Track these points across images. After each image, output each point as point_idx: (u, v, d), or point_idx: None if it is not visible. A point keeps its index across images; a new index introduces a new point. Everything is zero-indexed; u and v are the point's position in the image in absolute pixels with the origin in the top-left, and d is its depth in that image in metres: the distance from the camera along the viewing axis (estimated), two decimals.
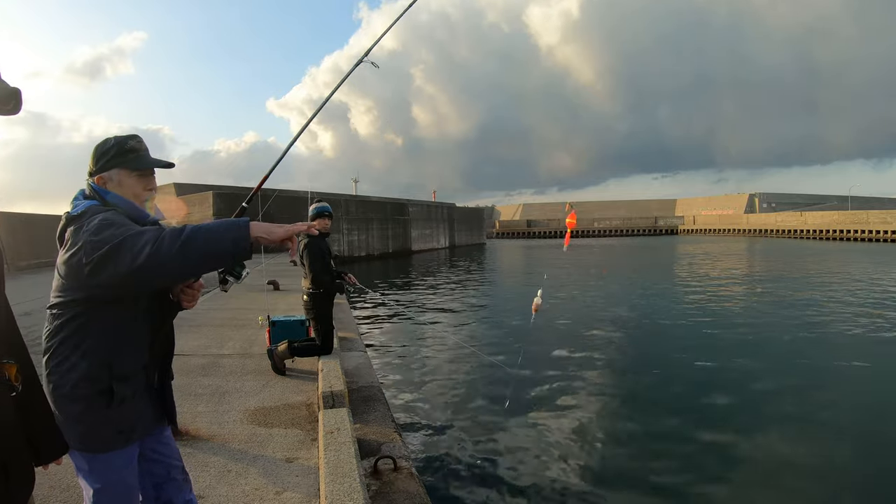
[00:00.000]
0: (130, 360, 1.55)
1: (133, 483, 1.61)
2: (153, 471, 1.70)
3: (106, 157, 1.57)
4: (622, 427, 5.59)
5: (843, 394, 6.62)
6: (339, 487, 2.37)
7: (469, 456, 4.82)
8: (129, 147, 1.59)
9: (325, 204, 4.74)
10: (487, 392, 6.70)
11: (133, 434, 1.57)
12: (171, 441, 1.76)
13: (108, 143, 1.59)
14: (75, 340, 1.47)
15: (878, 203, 79.40)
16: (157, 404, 1.67)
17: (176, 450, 1.78)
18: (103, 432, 1.51)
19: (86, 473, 1.54)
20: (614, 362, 8.15)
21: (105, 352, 1.49)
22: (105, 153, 1.57)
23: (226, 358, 5.36)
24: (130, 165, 1.58)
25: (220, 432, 3.43)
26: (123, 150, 1.58)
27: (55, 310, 1.48)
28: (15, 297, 1.33)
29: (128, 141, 1.59)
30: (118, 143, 1.59)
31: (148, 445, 1.67)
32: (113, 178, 1.57)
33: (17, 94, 1.17)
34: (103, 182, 1.57)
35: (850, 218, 57.60)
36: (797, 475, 4.54)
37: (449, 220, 46.76)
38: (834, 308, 12.54)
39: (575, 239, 75.94)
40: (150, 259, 1.30)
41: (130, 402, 1.55)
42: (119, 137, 1.60)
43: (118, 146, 1.58)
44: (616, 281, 20.45)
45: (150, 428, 1.65)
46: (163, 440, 1.72)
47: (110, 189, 1.57)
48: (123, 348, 1.53)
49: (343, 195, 38.80)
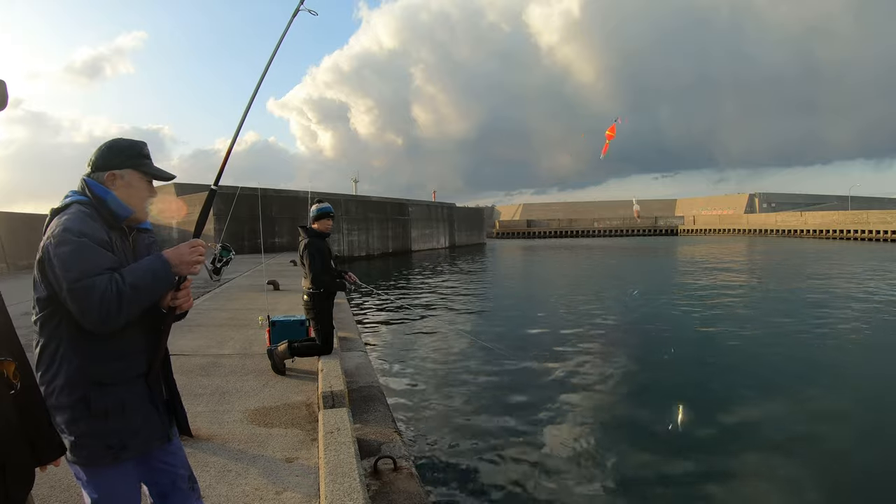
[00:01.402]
0: (114, 367, 1.49)
1: (130, 496, 1.58)
2: (157, 480, 1.66)
3: (123, 155, 1.59)
4: (624, 427, 5.59)
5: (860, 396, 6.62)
6: (339, 487, 2.37)
7: (469, 456, 4.82)
8: (144, 153, 1.63)
9: (328, 205, 4.75)
10: (488, 392, 6.70)
11: (124, 452, 1.52)
12: (179, 450, 1.72)
13: (124, 142, 1.62)
14: (55, 343, 1.46)
15: (879, 203, 79.35)
16: (165, 418, 1.63)
17: (184, 459, 1.74)
18: (91, 445, 1.47)
19: (83, 483, 1.52)
20: (618, 362, 8.14)
21: (80, 357, 1.45)
22: (122, 151, 1.59)
23: (226, 358, 5.36)
24: (144, 169, 1.61)
25: (220, 432, 3.43)
26: (141, 154, 1.62)
27: (35, 308, 1.47)
28: (15, 296, 1.34)
29: (143, 146, 1.64)
30: (135, 145, 1.62)
31: (154, 455, 1.63)
32: (125, 177, 1.58)
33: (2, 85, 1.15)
34: (113, 178, 1.57)
35: (851, 218, 57.59)
36: (798, 476, 4.53)
37: (449, 219, 46.74)
38: (846, 305, 12.54)
39: (574, 239, 75.97)
40: (98, 320, 1.39)
41: (119, 416, 1.49)
42: (134, 141, 1.64)
43: (136, 148, 1.61)
44: (621, 282, 20.45)
45: (150, 444, 1.59)
46: (170, 450, 1.68)
47: (119, 187, 1.57)
48: (102, 353, 1.48)
49: (343, 195, 38.77)
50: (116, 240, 1.54)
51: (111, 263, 1.44)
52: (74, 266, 1.38)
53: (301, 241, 4.71)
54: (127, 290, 1.39)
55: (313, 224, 4.69)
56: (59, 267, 1.38)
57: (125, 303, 1.39)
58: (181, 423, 1.70)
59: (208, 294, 10.48)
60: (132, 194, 1.59)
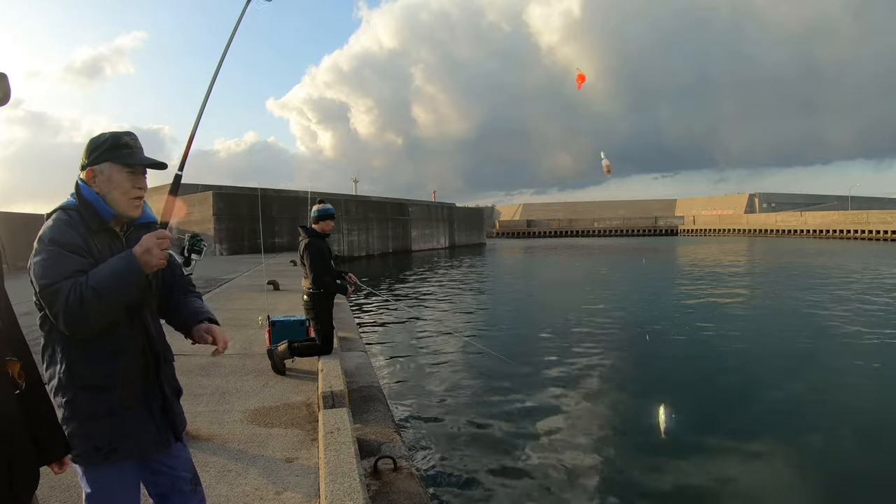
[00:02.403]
0: (101, 370, 1.47)
1: (126, 495, 1.57)
2: (157, 482, 1.65)
3: (99, 149, 1.54)
4: (623, 427, 5.58)
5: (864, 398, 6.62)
6: (339, 487, 2.37)
7: (469, 456, 4.81)
8: (123, 142, 1.56)
9: (329, 206, 4.75)
10: (488, 391, 6.70)
11: (114, 454, 1.49)
12: (181, 453, 1.69)
13: (103, 136, 1.57)
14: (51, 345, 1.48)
15: (878, 203, 79.38)
16: (161, 423, 1.60)
17: (187, 461, 1.71)
18: (81, 445, 1.46)
19: (79, 477, 1.53)
20: (618, 363, 8.14)
21: (69, 358, 1.45)
22: (99, 146, 1.55)
23: (226, 358, 5.35)
24: (122, 160, 1.54)
25: (220, 432, 3.43)
26: (118, 145, 1.55)
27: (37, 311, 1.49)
28: (16, 296, 1.33)
29: (122, 136, 1.57)
30: (113, 136, 1.56)
31: (155, 457, 1.62)
32: (104, 171, 1.53)
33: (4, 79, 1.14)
34: (93, 175, 1.53)
35: (850, 218, 57.64)
36: (798, 476, 4.54)
37: (449, 219, 46.75)
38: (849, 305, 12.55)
39: (574, 238, 75.98)
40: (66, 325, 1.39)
41: (107, 418, 1.47)
42: (115, 132, 1.58)
43: (113, 140, 1.55)
44: (625, 282, 20.44)
45: (146, 450, 1.57)
46: (172, 452, 1.65)
47: (99, 183, 1.53)
48: (88, 356, 1.46)
49: (343, 195, 38.82)
50: (100, 243, 1.51)
51: (79, 267, 1.42)
52: (45, 273, 1.40)
53: (301, 241, 4.71)
54: (88, 293, 1.36)
55: (314, 225, 4.69)
56: (33, 274, 1.42)
57: (88, 306, 1.36)
58: (175, 430, 1.65)
59: (208, 294, 10.48)
60: (112, 189, 1.53)
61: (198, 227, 27.93)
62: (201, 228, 27.72)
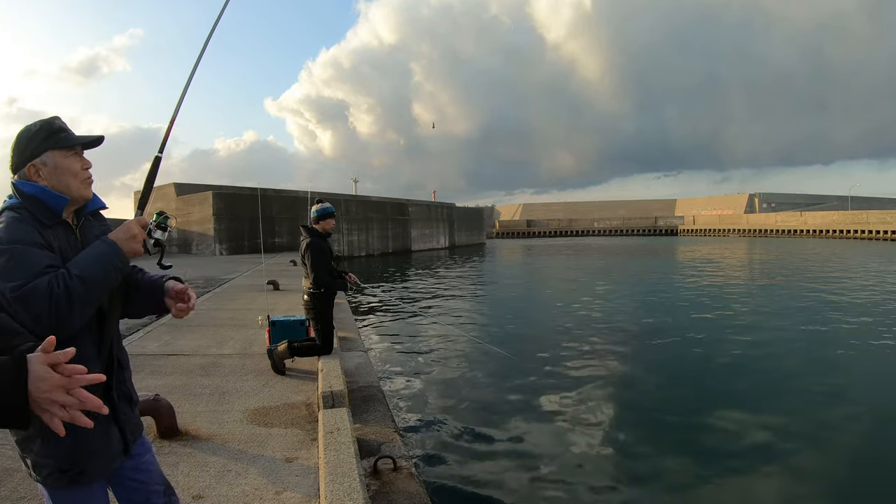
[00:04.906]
0: None
1: None
2: (131, 498, 1.59)
3: (35, 140, 1.41)
4: (624, 427, 5.58)
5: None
6: (339, 487, 2.37)
7: (469, 455, 4.81)
8: (58, 126, 1.45)
9: (329, 205, 4.75)
10: (489, 391, 6.70)
11: (82, 477, 1.40)
12: (150, 466, 1.63)
13: (33, 127, 1.43)
14: None
15: (878, 203, 79.42)
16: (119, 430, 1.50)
17: (158, 473, 1.65)
18: (46, 466, 1.37)
19: (45, 500, 1.44)
20: (620, 363, 8.14)
21: None
22: (33, 137, 1.42)
23: (226, 358, 5.36)
24: (62, 144, 1.43)
25: (220, 432, 3.43)
26: (54, 130, 1.43)
27: None
28: None
29: (54, 121, 1.45)
30: (45, 124, 1.44)
31: (124, 473, 1.55)
32: (47, 162, 1.41)
33: None
34: (36, 170, 1.41)
35: (850, 218, 57.70)
36: (799, 476, 4.54)
37: (449, 219, 46.76)
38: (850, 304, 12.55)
39: (573, 238, 75.98)
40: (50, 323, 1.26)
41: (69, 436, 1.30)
42: (43, 119, 1.46)
43: (47, 127, 1.43)
44: (626, 281, 20.45)
45: (115, 462, 1.50)
46: (141, 466, 1.59)
47: (46, 175, 1.41)
48: None
49: (343, 195, 38.81)
50: (56, 237, 1.41)
51: (50, 262, 1.32)
52: (12, 275, 1.28)
53: (302, 241, 4.71)
54: (75, 283, 1.28)
55: (315, 224, 4.69)
56: None
57: (76, 298, 1.28)
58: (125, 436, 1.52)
59: (208, 294, 10.49)
60: (61, 175, 1.43)
61: (198, 227, 27.97)
62: (201, 228, 27.76)
